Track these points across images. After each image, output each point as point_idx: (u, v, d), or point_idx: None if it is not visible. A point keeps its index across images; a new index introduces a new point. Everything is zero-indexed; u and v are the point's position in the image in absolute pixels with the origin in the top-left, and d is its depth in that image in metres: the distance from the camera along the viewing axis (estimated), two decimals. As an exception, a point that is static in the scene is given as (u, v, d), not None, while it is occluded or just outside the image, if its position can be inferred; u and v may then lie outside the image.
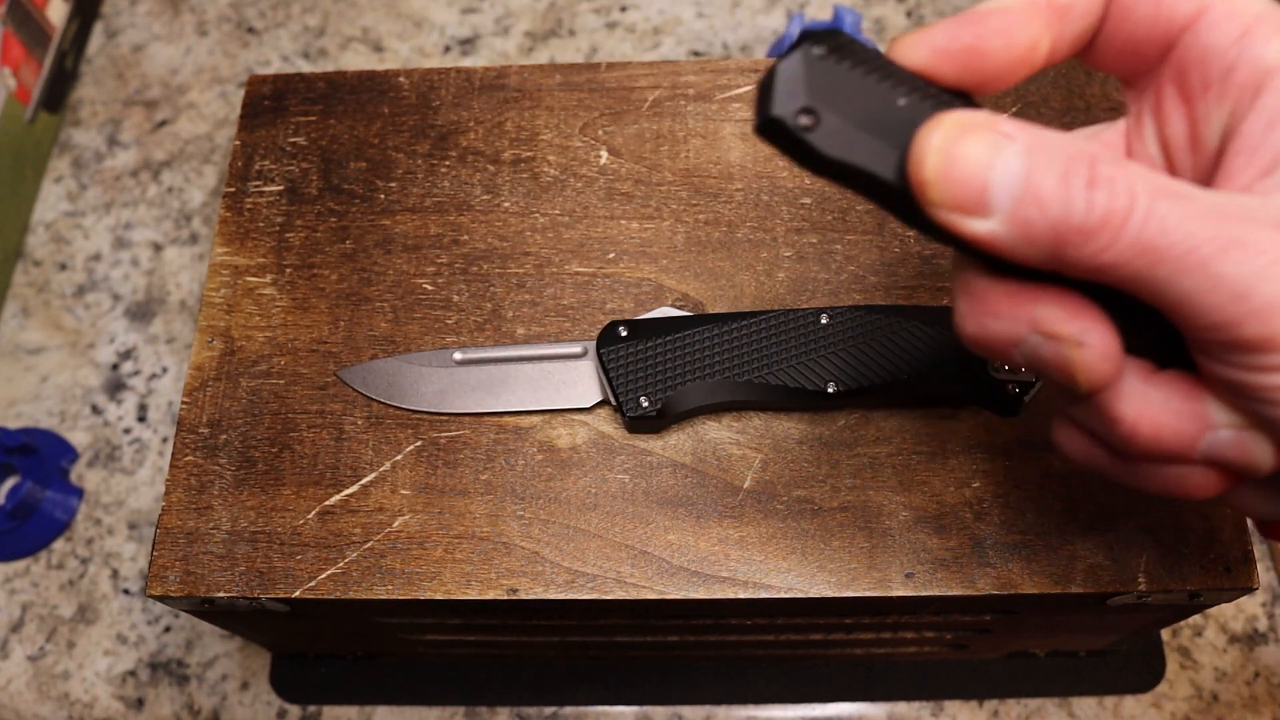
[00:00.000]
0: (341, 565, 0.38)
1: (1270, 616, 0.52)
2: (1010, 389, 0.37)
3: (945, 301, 0.41)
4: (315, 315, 0.42)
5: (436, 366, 0.40)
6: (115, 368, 0.61)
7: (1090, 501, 0.37)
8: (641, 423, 0.39)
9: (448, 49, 0.69)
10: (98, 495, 0.58)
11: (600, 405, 0.40)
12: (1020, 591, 0.36)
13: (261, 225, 0.44)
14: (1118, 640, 0.48)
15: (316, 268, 0.43)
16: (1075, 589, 0.36)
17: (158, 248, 0.64)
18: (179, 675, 0.54)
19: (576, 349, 0.40)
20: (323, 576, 0.38)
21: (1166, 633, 0.52)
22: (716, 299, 0.42)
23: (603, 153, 0.45)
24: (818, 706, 0.52)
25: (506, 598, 0.37)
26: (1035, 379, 0.37)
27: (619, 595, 0.37)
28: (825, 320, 0.38)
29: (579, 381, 0.40)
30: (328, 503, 0.39)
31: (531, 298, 0.42)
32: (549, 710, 0.52)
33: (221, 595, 0.38)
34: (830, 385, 0.38)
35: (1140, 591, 0.36)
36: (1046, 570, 0.36)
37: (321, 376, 0.41)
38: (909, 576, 0.37)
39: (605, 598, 0.37)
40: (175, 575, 0.38)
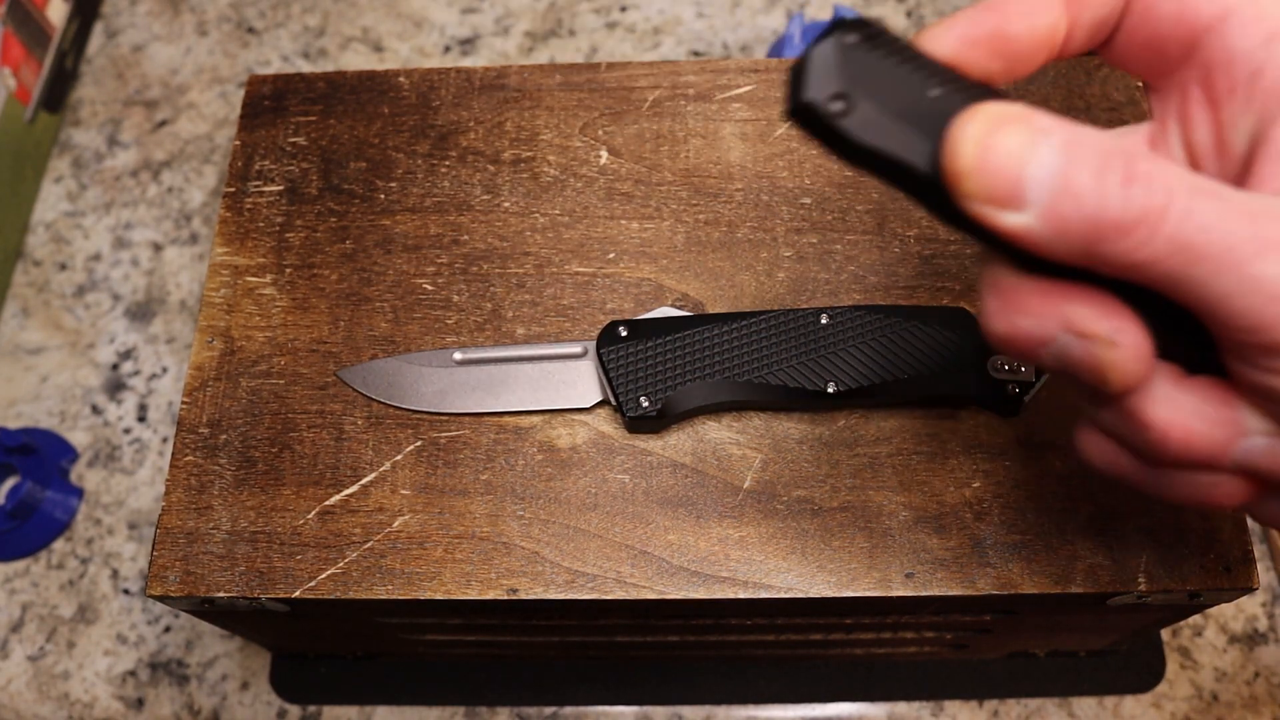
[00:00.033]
0: (341, 565, 0.38)
1: (1270, 616, 0.52)
2: (1010, 389, 0.37)
3: (945, 301, 0.41)
4: (315, 315, 0.42)
5: (436, 366, 0.40)
6: (115, 368, 0.61)
7: (1090, 501, 0.37)
8: (641, 423, 0.39)
9: (448, 49, 0.69)
10: (98, 495, 0.58)
11: (600, 405, 0.40)
12: (1020, 591, 0.36)
13: (261, 225, 0.44)
14: (1118, 640, 0.48)
15: (316, 268, 0.43)
16: (1075, 589, 0.36)
17: (158, 248, 0.64)
18: (179, 675, 0.54)
19: (576, 349, 0.40)
20: (323, 576, 0.38)
21: (1166, 633, 0.52)
22: (716, 299, 0.42)
23: (603, 153, 0.45)
24: (818, 706, 0.52)
25: (506, 598, 0.37)
26: (1035, 379, 0.37)
27: (619, 595, 0.37)
28: (825, 320, 0.38)
29: (579, 381, 0.40)
30: (328, 503, 0.39)
31: (531, 298, 0.42)
32: (549, 710, 0.52)
33: (221, 595, 0.38)
34: (830, 385, 0.38)
35: (1140, 591, 0.36)
36: (1046, 570, 0.36)
37: (321, 376, 0.41)
38: (909, 576, 0.37)
39: (605, 598, 0.37)
40: (175, 575, 0.38)
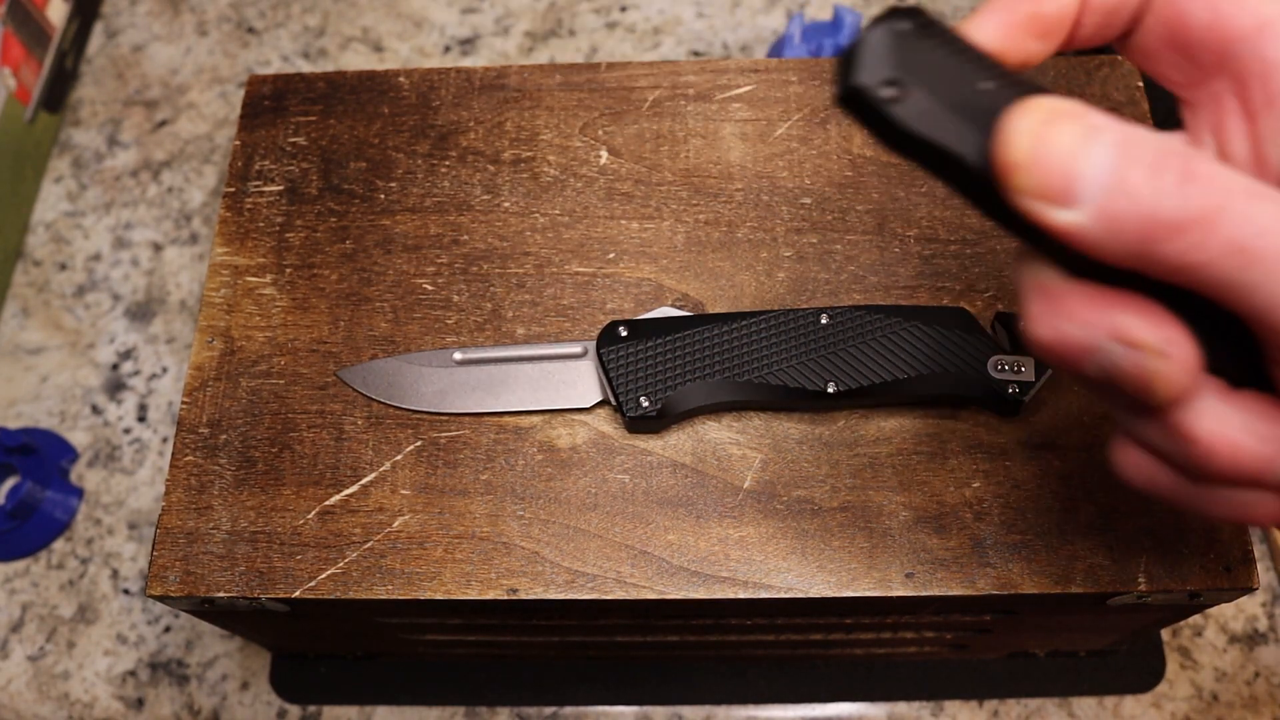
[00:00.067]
0: (341, 565, 0.38)
1: (1270, 616, 0.52)
2: (1010, 389, 0.37)
3: (945, 301, 0.41)
4: (315, 315, 0.42)
5: (436, 366, 0.40)
6: (115, 368, 0.61)
7: (1090, 501, 0.37)
8: (641, 423, 0.39)
9: (448, 49, 0.69)
10: (98, 495, 0.58)
11: (600, 405, 0.40)
12: (1020, 591, 0.36)
13: (261, 225, 0.44)
14: (1118, 640, 0.48)
15: (316, 268, 0.43)
16: (1075, 589, 0.36)
17: (158, 248, 0.64)
18: (179, 675, 0.54)
19: (576, 349, 0.40)
20: (323, 576, 0.38)
21: (1166, 633, 0.52)
22: (716, 299, 0.42)
23: (603, 153, 0.45)
24: (818, 706, 0.52)
25: (506, 598, 0.37)
26: (1035, 379, 0.37)
27: (619, 595, 0.37)
28: (825, 320, 0.38)
29: (579, 381, 0.40)
30: (328, 503, 0.39)
31: (531, 298, 0.42)
32: (549, 710, 0.52)
33: (221, 595, 0.38)
34: (830, 385, 0.38)
35: (1140, 591, 0.36)
36: (1046, 570, 0.36)
37: (321, 376, 0.41)
38: (909, 576, 0.37)
39: (605, 598, 0.37)
40: (175, 575, 0.38)
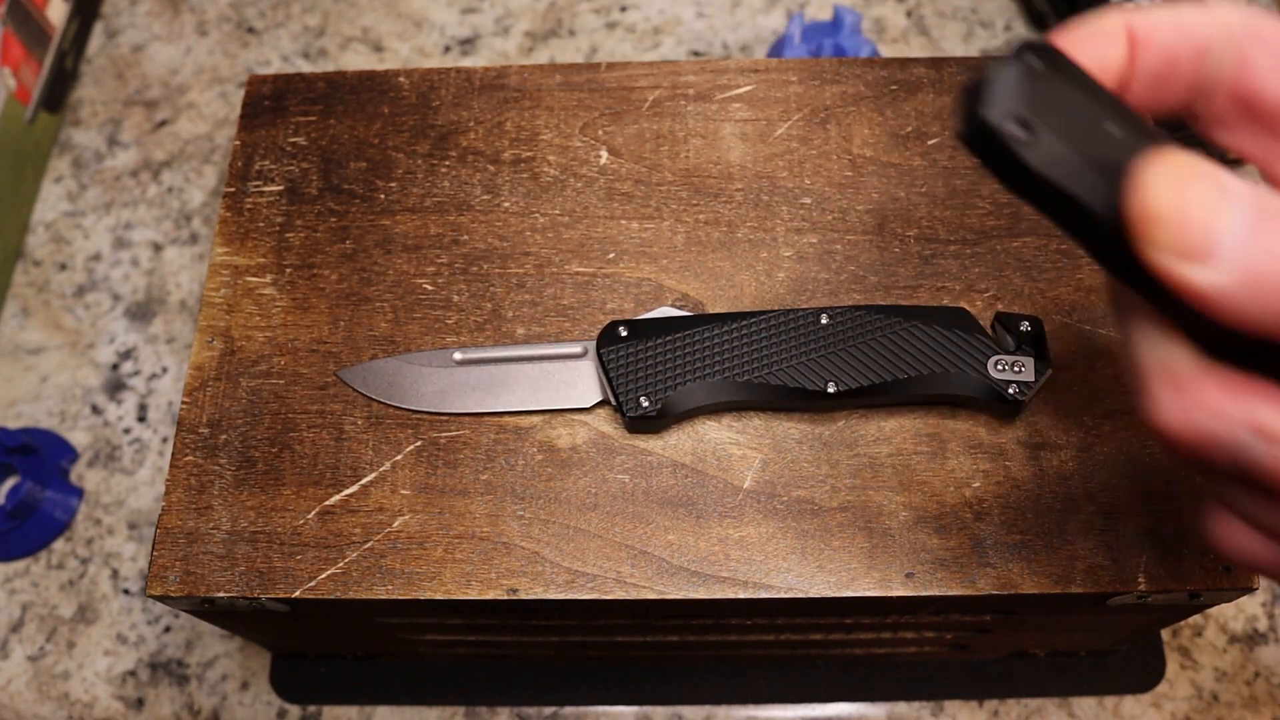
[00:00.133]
0: (341, 565, 0.38)
1: (1270, 616, 0.52)
2: (1010, 389, 0.37)
3: (945, 301, 0.41)
4: (315, 315, 0.42)
5: (436, 366, 0.40)
6: (115, 368, 0.61)
7: (1090, 501, 0.37)
8: (641, 423, 0.39)
9: (448, 49, 0.69)
10: (98, 495, 0.58)
11: (600, 405, 0.40)
12: (1020, 591, 0.36)
13: (261, 225, 0.44)
14: (1118, 640, 0.48)
15: (316, 268, 0.43)
16: (1075, 589, 0.36)
17: (158, 248, 0.64)
18: (179, 675, 0.54)
19: (576, 349, 0.40)
20: (323, 576, 0.38)
21: (1166, 633, 0.52)
22: (716, 299, 0.42)
23: (603, 153, 0.45)
24: (818, 706, 0.52)
25: (506, 598, 0.37)
26: (1035, 379, 0.37)
27: (619, 595, 0.37)
28: (825, 320, 0.38)
29: (579, 381, 0.40)
30: (328, 503, 0.39)
31: (531, 298, 0.42)
32: (549, 710, 0.52)
33: (221, 595, 0.38)
34: (830, 385, 0.38)
35: (1140, 591, 0.36)
36: (1046, 570, 0.36)
37: (321, 376, 0.41)
38: (909, 576, 0.37)
39: (605, 598, 0.37)
40: (175, 575, 0.38)
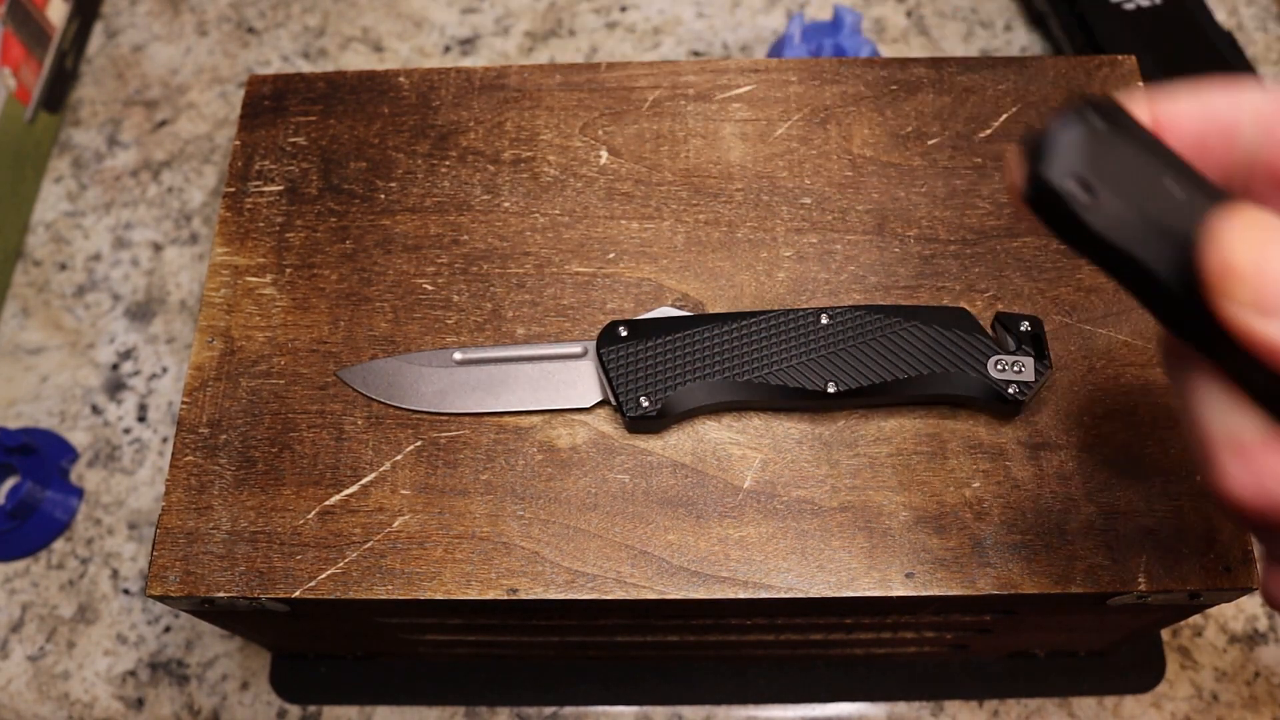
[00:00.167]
0: (341, 565, 0.38)
1: (1270, 616, 0.52)
2: (1010, 389, 0.37)
3: (945, 301, 0.41)
4: (315, 315, 0.42)
5: (436, 366, 0.40)
6: (115, 368, 0.61)
7: (1090, 501, 0.37)
8: (641, 423, 0.39)
9: (448, 49, 0.69)
10: (98, 495, 0.58)
11: (600, 405, 0.40)
12: (1020, 591, 0.36)
13: (261, 225, 0.44)
14: (1118, 640, 0.48)
15: (316, 268, 0.43)
16: (1075, 589, 0.36)
17: (158, 248, 0.64)
18: (179, 675, 0.54)
19: (576, 349, 0.40)
20: (323, 576, 0.38)
21: (1166, 633, 0.52)
22: (716, 299, 0.42)
23: (603, 153, 0.45)
24: (818, 706, 0.52)
25: (506, 598, 0.37)
26: (1035, 379, 0.37)
27: (619, 595, 0.37)
28: (825, 320, 0.38)
29: (579, 381, 0.40)
30: (328, 503, 0.39)
31: (531, 298, 0.42)
32: (549, 710, 0.52)
33: (221, 595, 0.38)
34: (830, 385, 0.38)
35: (1140, 591, 0.36)
36: (1046, 570, 0.36)
37: (321, 376, 0.41)
38: (909, 576, 0.37)
39: (605, 598, 0.37)
40: (175, 575, 0.38)
